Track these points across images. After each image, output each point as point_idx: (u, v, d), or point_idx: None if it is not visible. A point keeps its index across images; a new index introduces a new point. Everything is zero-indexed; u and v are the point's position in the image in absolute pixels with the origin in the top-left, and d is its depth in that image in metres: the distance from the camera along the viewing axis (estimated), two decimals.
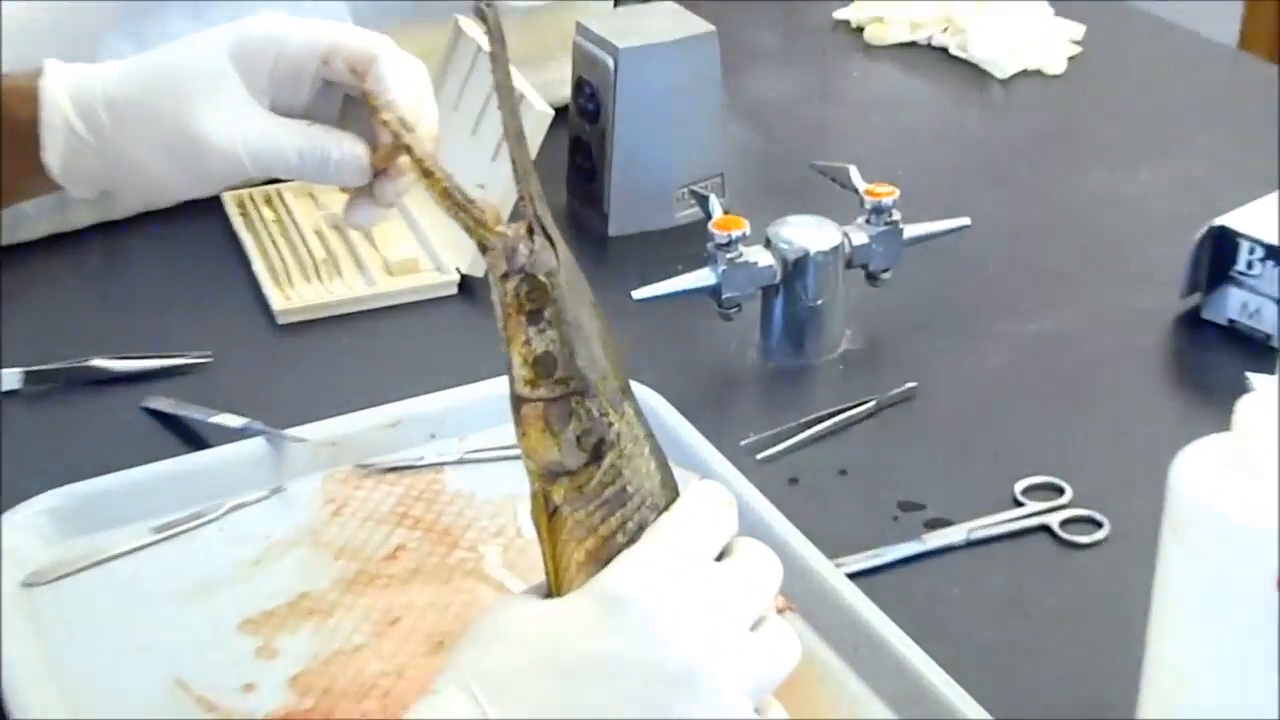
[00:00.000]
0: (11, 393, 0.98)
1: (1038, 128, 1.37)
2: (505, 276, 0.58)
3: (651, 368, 0.99)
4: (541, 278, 0.57)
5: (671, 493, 0.61)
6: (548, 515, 0.59)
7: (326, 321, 1.09)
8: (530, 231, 0.58)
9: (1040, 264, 1.16)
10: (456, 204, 0.60)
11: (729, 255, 1.00)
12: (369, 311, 1.10)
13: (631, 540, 0.58)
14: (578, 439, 0.58)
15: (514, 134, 0.59)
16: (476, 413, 0.94)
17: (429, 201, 0.62)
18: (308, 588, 0.82)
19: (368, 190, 0.74)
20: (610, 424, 0.58)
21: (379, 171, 0.73)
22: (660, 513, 0.59)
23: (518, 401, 0.59)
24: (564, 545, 0.59)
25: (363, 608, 0.81)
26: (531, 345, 0.57)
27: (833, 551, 0.83)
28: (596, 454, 0.58)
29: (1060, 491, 0.91)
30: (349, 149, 0.72)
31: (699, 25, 1.16)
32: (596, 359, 0.59)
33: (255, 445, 0.91)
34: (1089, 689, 0.77)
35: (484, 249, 0.59)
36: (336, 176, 0.73)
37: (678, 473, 0.63)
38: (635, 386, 0.92)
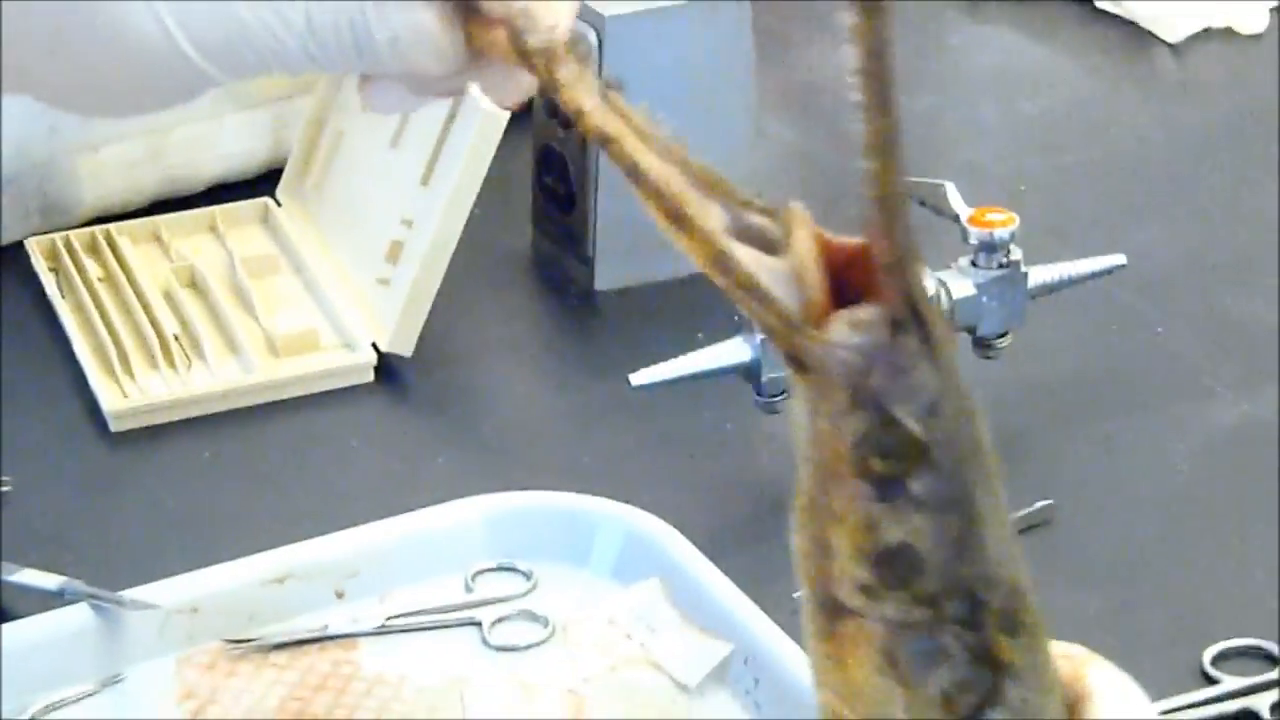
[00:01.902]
0: None
1: (1226, 113, 1.37)
2: (844, 411, 0.50)
3: (662, 487, 1.00)
4: (912, 424, 0.50)
5: None
6: None
7: (181, 427, 1.09)
8: (896, 324, 0.49)
9: (1233, 318, 1.17)
10: (720, 260, 0.49)
11: None
12: (245, 410, 1.11)
13: None
14: (945, 696, 0.52)
15: (880, 145, 0.47)
16: (403, 559, 0.95)
17: (333, 237, 0.53)
18: None
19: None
20: (1008, 682, 0.52)
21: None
22: None
23: (835, 610, 0.52)
24: None
25: None
26: (879, 531, 0.50)
27: None
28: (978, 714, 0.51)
29: (1272, 661, 0.91)
30: (409, 18, 0.59)
31: None
32: (995, 562, 0.51)
33: (78, 615, 0.91)
34: None
35: (795, 361, 0.50)
36: (393, 61, 0.60)
37: (706, 643, 0.62)
38: (633, 511, 0.95)
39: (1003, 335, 1.06)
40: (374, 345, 1.14)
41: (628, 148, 0.51)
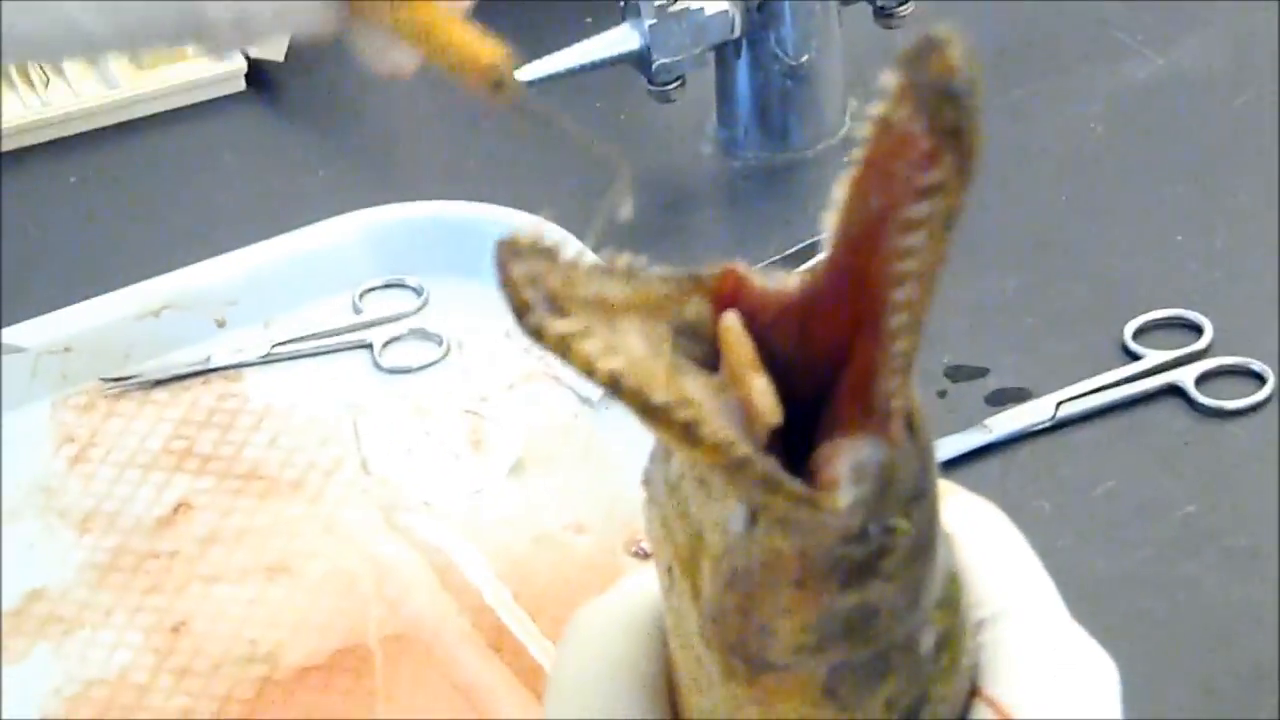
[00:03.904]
0: None
1: None
2: (822, 534, 0.47)
3: (553, 189, 0.96)
4: (900, 522, 0.48)
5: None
6: None
7: (41, 150, 1.07)
8: (886, 430, 0.46)
9: None
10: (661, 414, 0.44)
11: (659, 1, 0.97)
12: (110, 129, 1.08)
13: None
14: (887, 702, 0.52)
15: (915, 322, 0.45)
16: (286, 282, 0.93)
17: None
18: (40, 583, 0.81)
19: None
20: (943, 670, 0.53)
21: None
22: None
23: (761, 666, 0.51)
24: None
25: (128, 608, 0.79)
26: (834, 606, 0.49)
27: None
28: (913, 714, 0.53)
29: (1196, 332, 0.89)
30: None
31: None
32: (939, 582, 0.51)
33: None
34: (1250, 637, 0.76)
35: (765, 498, 0.45)
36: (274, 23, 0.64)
37: None
38: (524, 217, 0.92)
39: (905, 2, 1.03)
40: (243, 51, 1.10)
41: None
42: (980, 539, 0.57)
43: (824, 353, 0.47)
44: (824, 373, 0.47)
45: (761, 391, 0.46)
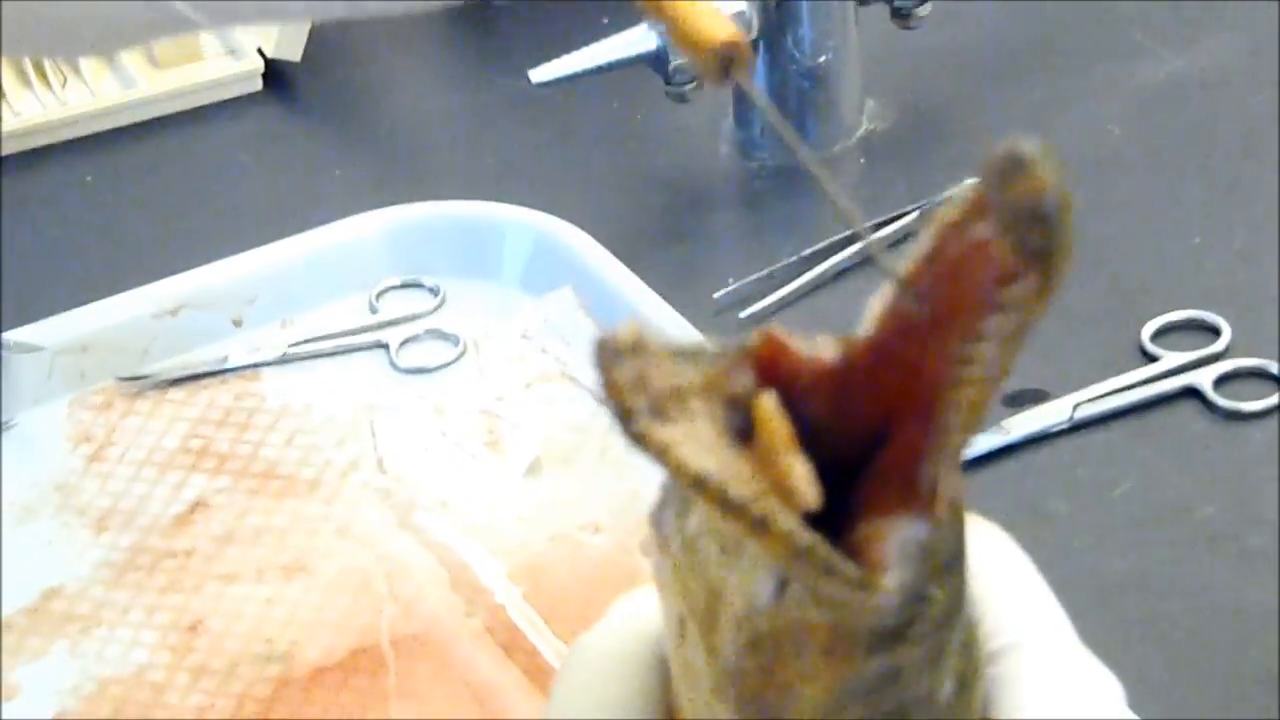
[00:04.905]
0: None
1: None
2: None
3: (569, 189, 0.97)
4: (935, 591, 0.47)
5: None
6: None
7: (59, 150, 1.07)
8: (934, 511, 0.46)
9: None
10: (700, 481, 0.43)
11: None
12: (127, 129, 1.08)
13: None
14: (900, 704, 0.52)
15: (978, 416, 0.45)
16: (303, 281, 0.93)
17: None
18: (57, 581, 0.81)
19: None
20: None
21: None
22: None
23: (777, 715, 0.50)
24: None
25: (145, 607, 0.79)
26: (861, 671, 0.48)
27: None
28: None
29: (1214, 334, 0.89)
30: None
31: None
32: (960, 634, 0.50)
33: None
34: (1268, 639, 0.75)
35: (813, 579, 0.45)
36: None
37: None
38: (541, 217, 0.93)
39: (922, 2, 1.03)
40: (260, 51, 1.10)
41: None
42: (989, 567, 0.56)
43: (860, 424, 0.47)
44: (857, 442, 0.47)
45: (800, 476, 0.45)
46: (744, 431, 0.45)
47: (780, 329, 0.47)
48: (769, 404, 0.46)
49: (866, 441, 0.46)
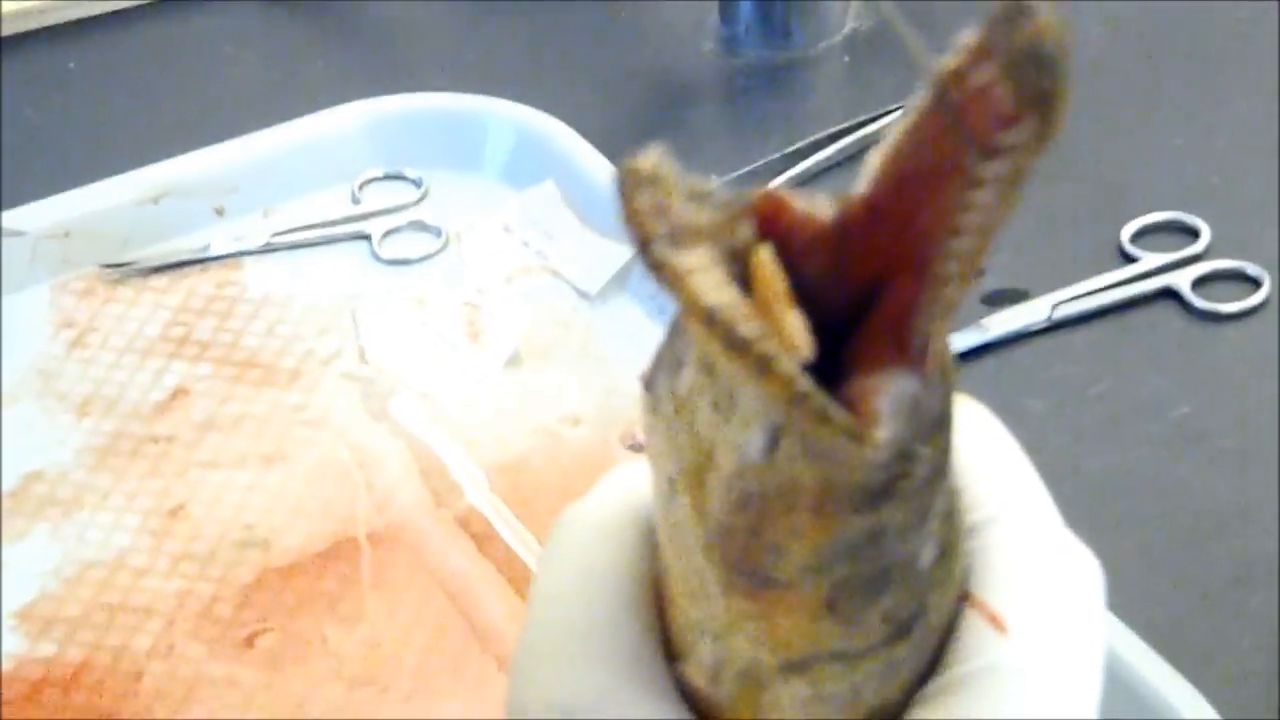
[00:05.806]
0: None
1: None
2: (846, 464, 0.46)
3: (553, 82, 0.96)
4: (922, 449, 0.47)
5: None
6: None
7: (41, 36, 1.06)
8: (921, 366, 0.45)
9: None
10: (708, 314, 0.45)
11: None
12: (110, 16, 1.07)
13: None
14: (884, 614, 0.51)
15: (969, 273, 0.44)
16: (286, 171, 0.92)
17: None
18: (38, 465, 0.81)
19: None
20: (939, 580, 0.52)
21: None
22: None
23: (763, 581, 0.52)
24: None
25: (126, 492, 0.79)
26: (847, 529, 0.48)
27: None
28: (905, 630, 0.52)
29: (1193, 235, 0.89)
30: None
31: None
32: (942, 499, 0.50)
33: None
34: (1242, 537, 0.75)
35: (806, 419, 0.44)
36: None
37: (606, 247, 0.58)
38: (525, 110, 0.92)
39: None
40: None
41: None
42: (973, 443, 0.56)
43: (853, 285, 0.47)
44: (850, 303, 0.47)
45: (795, 327, 0.45)
46: (741, 284, 0.46)
47: (780, 189, 0.46)
48: (766, 256, 0.46)
49: (861, 305, 0.46)
